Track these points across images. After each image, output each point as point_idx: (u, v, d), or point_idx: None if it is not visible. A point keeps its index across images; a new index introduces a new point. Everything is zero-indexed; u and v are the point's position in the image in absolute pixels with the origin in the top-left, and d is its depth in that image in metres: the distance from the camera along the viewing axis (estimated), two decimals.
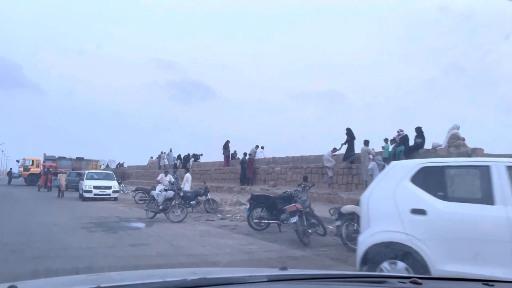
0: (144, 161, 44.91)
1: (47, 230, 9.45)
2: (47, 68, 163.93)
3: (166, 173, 16.33)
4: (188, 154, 31.35)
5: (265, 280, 1.60)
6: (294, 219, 7.78)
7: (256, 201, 9.52)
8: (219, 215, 13.17)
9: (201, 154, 31.63)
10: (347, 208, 7.51)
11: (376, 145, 14.71)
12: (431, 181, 4.12)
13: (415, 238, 3.84)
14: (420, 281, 1.60)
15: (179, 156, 31.76)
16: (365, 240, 4.20)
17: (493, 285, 1.63)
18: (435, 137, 13.79)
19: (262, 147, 23.68)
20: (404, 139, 14.01)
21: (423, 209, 3.92)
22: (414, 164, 4.28)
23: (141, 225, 10.99)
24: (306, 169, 17.04)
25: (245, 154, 21.79)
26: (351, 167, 14.82)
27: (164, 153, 34.65)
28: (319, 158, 17.96)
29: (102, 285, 1.35)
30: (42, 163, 34.31)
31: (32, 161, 35.94)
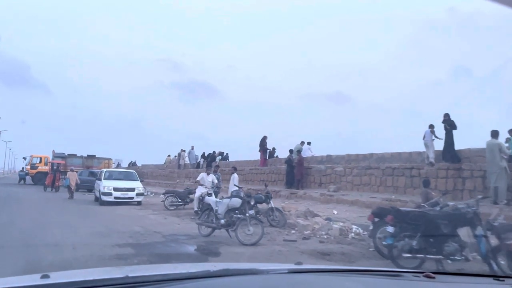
0: (153, 160, 41.62)
1: (62, 263, 5.87)
2: (55, 68, 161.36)
3: (208, 173, 12.79)
4: (214, 152, 27.85)
5: (286, 272, 1.67)
6: None
7: (402, 220, 5.80)
8: (292, 231, 9.59)
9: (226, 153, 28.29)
10: None
11: None
12: None
13: None
14: (433, 275, 1.62)
15: (203, 154, 28.30)
16: None
17: (503, 280, 1.65)
18: None
19: (309, 143, 20.00)
20: None
21: None
22: None
23: (196, 248, 7.46)
24: (385, 170, 13.39)
25: (291, 151, 18.21)
26: (461, 167, 11.16)
27: (184, 151, 31.33)
28: (397, 156, 14.33)
29: (130, 275, 1.37)
30: (50, 160, 31.10)
31: (40, 158, 32.59)
